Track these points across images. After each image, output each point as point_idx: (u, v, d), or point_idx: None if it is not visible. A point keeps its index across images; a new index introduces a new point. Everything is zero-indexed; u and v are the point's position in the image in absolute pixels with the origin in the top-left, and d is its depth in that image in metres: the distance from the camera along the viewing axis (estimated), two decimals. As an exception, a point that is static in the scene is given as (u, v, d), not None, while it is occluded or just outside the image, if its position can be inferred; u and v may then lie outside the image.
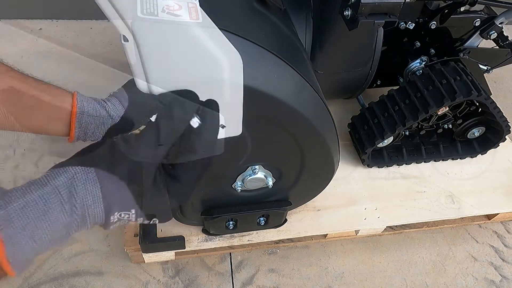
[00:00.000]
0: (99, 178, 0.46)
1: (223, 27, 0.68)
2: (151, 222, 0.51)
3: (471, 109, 1.44)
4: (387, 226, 1.41)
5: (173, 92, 0.62)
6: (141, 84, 0.72)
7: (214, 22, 0.65)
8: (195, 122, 0.53)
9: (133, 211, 0.49)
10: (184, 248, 1.27)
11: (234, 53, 0.69)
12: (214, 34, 0.66)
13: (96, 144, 0.52)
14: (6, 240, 0.39)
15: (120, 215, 0.49)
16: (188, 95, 0.61)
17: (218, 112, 0.55)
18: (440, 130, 1.50)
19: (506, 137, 1.48)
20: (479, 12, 1.35)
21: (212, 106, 0.56)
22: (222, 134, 0.82)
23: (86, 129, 0.71)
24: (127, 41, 0.63)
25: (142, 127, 0.68)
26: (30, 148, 1.65)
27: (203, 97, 0.74)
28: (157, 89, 0.72)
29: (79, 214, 0.45)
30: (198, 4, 0.65)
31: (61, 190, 0.44)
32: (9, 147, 1.64)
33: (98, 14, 2.27)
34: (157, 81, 0.71)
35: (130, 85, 0.74)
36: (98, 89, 1.62)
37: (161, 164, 0.51)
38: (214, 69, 0.69)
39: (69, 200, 0.44)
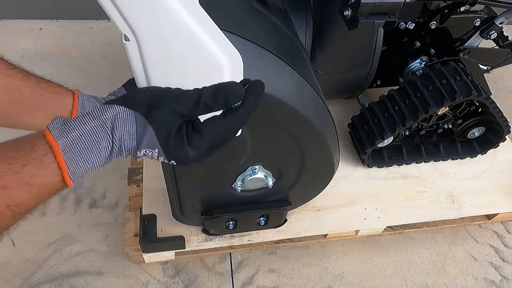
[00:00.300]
0: (136, 119, 0.56)
1: (224, 27, 0.68)
2: (170, 163, 0.60)
3: (471, 109, 1.44)
4: (387, 226, 1.41)
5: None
6: (142, 84, 0.72)
7: (214, 22, 0.65)
8: None
9: (156, 150, 0.57)
10: (184, 248, 1.27)
11: (234, 53, 0.70)
12: (214, 34, 0.66)
13: (140, 90, 0.62)
14: (68, 161, 0.50)
15: (145, 151, 0.57)
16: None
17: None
18: (440, 130, 1.50)
19: (506, 137, 1.48)
20: (479, 12, 1.35)
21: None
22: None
23: None
24: (128, 40, 0.64)
25: None
26: (30, 148, 1.65)
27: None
28: None
29: (118, 145, 0.55)
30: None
31: (107, 124, 0.54)
32: (9, 147, 1.64)
33: (98, 14, 2.25)
34: (157, 80, 0.71)
35: (130, 84, 0.74)
36: (98, 89, 1.62)
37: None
38: (215, 69, 0.69)
39: (112, 133, 0.54)
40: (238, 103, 0.60)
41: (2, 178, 0.47)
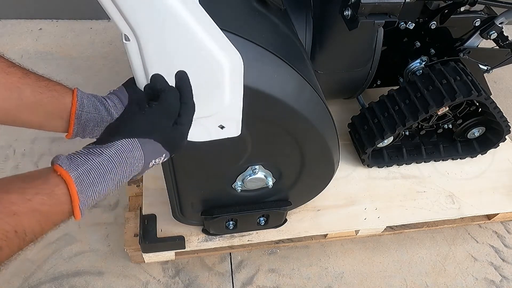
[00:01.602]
0: (140, 143, 0.60)
1: (224, 27, 0.68)
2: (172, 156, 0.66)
3: (471, 109, 1.44)
4: (387, 226, 1.41)
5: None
6: (142, 83, 0.72)
7: (214, 22, 0.65)
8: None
9: (163, 155, 0.63)
10: (184, 248, 1.27)
11: (234, 53, 0.70)
12: (215, 34, 0.66)
13: (130, 118, 0.64)
14: (79, 193, 0.53)
15: (155, 161, 0.63)
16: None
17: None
18: (440, 130, 1.50)
19: (506, 137, 1.48)
20: (479, 12, 1.35)
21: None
22: (221, 134, 0.82)
23: (85, 126, 0.72)
24: (129, 40, 0.64)
25: None
26: (30, 148, 1.65)
27: (203, 97, 0.74)
28: None
29: (128, 171, 0.59)
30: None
31: (114, 158, 0.57)
32: (9, 147, 1.64)
33: (98, 14, 2.25)
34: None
35: (131, 83, 0.75)
36: (98, 88, 1.62)
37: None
38: (215, 69, 0.69)
39: (120, 164, 0.57)
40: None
41: (13, 205, 0.49)
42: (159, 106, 0.62)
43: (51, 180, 0.53)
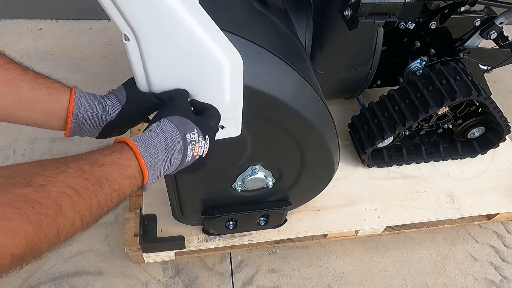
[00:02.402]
0: (174, 123, 0.66)
1: (224, 27, 0.68)
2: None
3: (471, 109, 1.44)
4: (387, 226, 1.41)
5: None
6: (142, 83, 0.72)
7: (214, 22, 0.65)
8: None
9: (195, 130, 0.68)
10: (184, 248, 1.27)
11: (234, 54, 0.70)
12: (215, 34, 0.66)
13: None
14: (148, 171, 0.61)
15: (190, 135, 0.67)
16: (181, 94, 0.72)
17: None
18: (440, 130, 1.50)
19: (506, 137, 1.48)
20: (479, 12, 1.35)
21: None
22: (221, 134, 0.82)
23: (82, 125, 0.72)
24: (129, 40, 0.64)
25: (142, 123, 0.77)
26: (30, 148, 1.65)
27: (203, 97, 0.74)
28: (158, 88, 0.72)
29: (177, 151, 0.65)
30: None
31: (169, 147, 0.64)
32: (9, 147, 1.64)
33: (98, 14, 2.25)
34: (157, 80, 0.71)
35: (130, 83, 0.75)
36: (97, 88, 1.61)
37: None
38: (215, 69, 0.69)
39: (172, 147, 0.64)
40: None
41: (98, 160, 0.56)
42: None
43: (124, 149, 0.60)
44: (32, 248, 0.45)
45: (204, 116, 0.72)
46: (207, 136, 0.70)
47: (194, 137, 0.67)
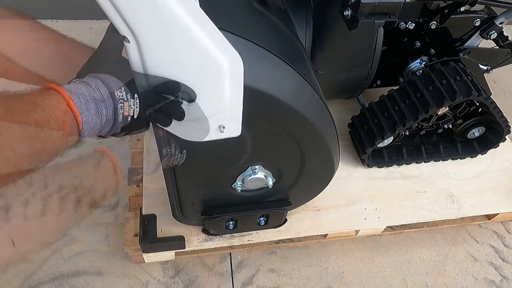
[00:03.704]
0: (100, 79, 0.66)
1: (224, 27, 0.69)
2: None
3: (471, 109, 1.44)
4: (387, 226, 1.41)
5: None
6: (142, 84, 0.72)
7: (214, 22, 0.65)
8: None
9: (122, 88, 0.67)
10: (184, 248, 1.27)
11: (234, 55, 0.70)
12: (214, 36, 0.66)
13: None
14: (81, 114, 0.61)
15: (117, 94, 0.66)
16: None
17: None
18: (440, 130, 1.50)
19: (506, 137, 1.48)
20: (479, 12, 1.35)
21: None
22: (222, 135, 0.82)
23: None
24: (129, 42, 0.64)
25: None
26: (30, 148, 1.64)
27: (203, 97, 0.74)
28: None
29: (106, 106, 0.65)
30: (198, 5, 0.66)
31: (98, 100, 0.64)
32: (9, 147, 1.64)
33: (98, 14, 2.25)
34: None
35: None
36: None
37: None
38: (215, 70, 0.69)
39: (101, 100, 0.64)
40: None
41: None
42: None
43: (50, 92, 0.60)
44: None
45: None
46: (136, 95, 0.68)
47: (122, 95, 0.67)
